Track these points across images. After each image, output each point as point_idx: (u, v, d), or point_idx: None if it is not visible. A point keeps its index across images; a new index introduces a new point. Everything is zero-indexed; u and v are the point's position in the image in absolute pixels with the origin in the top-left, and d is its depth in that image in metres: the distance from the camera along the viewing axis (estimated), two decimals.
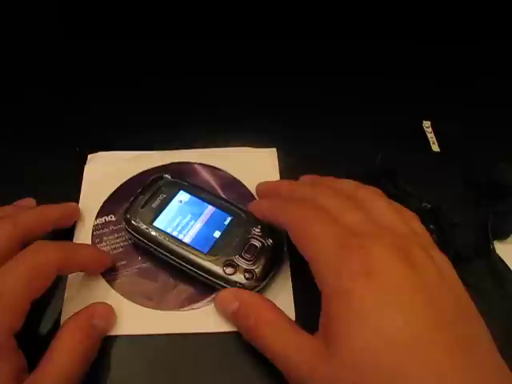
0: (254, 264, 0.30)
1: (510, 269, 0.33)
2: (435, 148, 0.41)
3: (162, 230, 0.31)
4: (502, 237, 0.35)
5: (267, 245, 0.31)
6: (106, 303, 0.29)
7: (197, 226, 0.32)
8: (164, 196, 0.33)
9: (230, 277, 0.29)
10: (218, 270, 0.29)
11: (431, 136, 0.42)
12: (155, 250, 0.31)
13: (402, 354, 0.21)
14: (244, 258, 0.30)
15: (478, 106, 0.44)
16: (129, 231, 0.32)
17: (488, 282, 0.33)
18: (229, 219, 0.32)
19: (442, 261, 0.26)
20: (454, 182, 0.38)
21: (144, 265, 0.32)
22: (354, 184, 0.30)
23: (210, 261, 0.30)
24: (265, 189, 0.34)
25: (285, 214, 0.29)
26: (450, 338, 0.21)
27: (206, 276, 0.30)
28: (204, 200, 0.33)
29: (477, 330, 0.23)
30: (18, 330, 0.25)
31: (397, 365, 0.21)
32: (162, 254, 0.31)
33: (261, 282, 0.29)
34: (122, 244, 0.33)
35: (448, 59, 0.48)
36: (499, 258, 0.34)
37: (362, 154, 0.38)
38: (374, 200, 0.28)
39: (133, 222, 0.32)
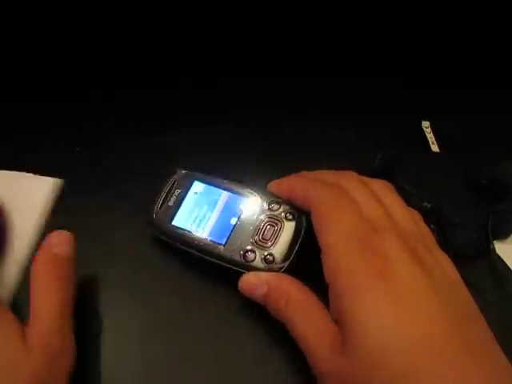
0: (273, 246, 0.29)
1: (510, 269, 0.34)
2: (435, 148, 0.41)
3: (181, 228, 0.32)
4: (501, 237, 0.35)
5: (285, 223, 0.30)
6: (57, 231, 0.29)
7: (214, 217, 0.32)
8: (179, 191, 0.33)
9: (250, 264, 0.29)
10: (238, 258, 0.29)
11: (430, 136, 0.42)
12: (179, 247, 0.32)
13: (417, 353, 0.21)
14: (262, 242, 0.30)
15: (478, 107, 0.44)
16: (153, 233, 0.33)
17: (488, 282, 0.33)
18: (245, 202, 0.32)
19: (446, 262, 0.26)
20: (454, 182, 0.38)
21: None
22: (366, 178, 0.30)
23: (228, 251, 0.30)
24: (281, 188, 0.32)
25: (310, 191, 0.28)
26: (463, 339, 0.21)
27: (228, 266, 0.30)
28: (219, 187, 0.33)
29: (483, 331, 0.23)
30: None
31: (411, 365, 0.21)
32: (186, 250, 0.31)
33: (283, 262, 0.29)
34: None
35: (448, 59, 0.48)
36: (499, 257, 0.34)
37: (361, 153, 0.38)
38: (387, 193, 0.29)
39: (155, 223, 0.32)
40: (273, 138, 0.41)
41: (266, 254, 0.29)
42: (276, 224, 0.30)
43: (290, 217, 0.30)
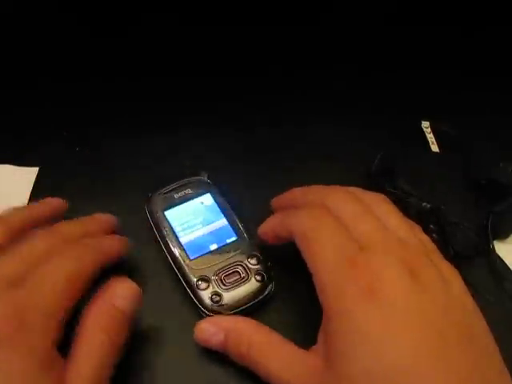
0: (227, 290, 0.29)
1: (509, 269, 0.34)
2: (434, 148, 0.41)
3: (168, 221, 0.32)
4: (501, 237, 0.35)
5: (252, 279, 0.30)
6: (125, 278, 0.26)
7: (200, 232, 0.32)
8: (189, 191, 0.34)
9: (198, 291, 0.29)
10: (192, 279, 0.30)
11: (430, 136, 0.42)
12: (156, 234, 0.32)
13: (402, 380, 0.20)
14: (221, 281, 0.29)
15: (478, 107, 0.44)
16: (145, 209, 0.33)
17: (488, 282, 0.33)
18: (233, 239, 0.32)
19: (450, 273, 0.25)
20: (453, 182, 0.38)
21: None
22: (360, 190, 0.29)
23: (189, 268, 0.30)
24: (279, 204, 0.32)
25: (290, 222, 0.28)
26: (454, 364, 0.21)
27: (181, 279, 0.30)
28: (223, 211, 0.33)
29: (484, 349, 0.22)
30: (59, 341, 0.23)
31: None
32: (159, 241, 0.32)
33: (227, 310, 0.29)
34: None
35: (448, 60, 0.48)
36: (499, 257, 0.34)
37: (361, 153, 0.38)
38: (381, 207, 0.28)
39: (151, 202, 0.33)
40: (272, 138, 0.41)
41: (217, 292, 0.29)
42: (243, 275, 0.30)
43: (259, 278, 0.30)
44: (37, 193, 0.36)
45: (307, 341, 0.25)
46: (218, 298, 0.29)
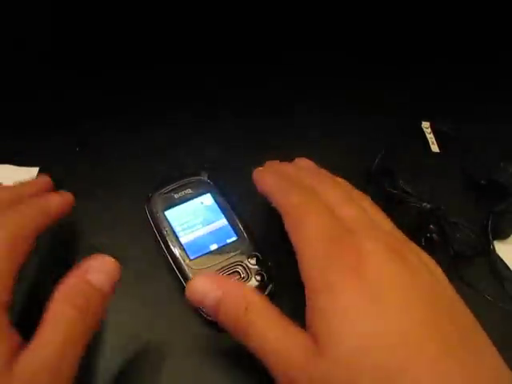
0: None
1: (510, 269, 0.34)
2: (435, 148, 0.41)
3: (168, 221, 0.32)
4: (501, 237, 0.35)
5: (252, 279, 0.30)
6: (102, 255, 0.25)
7: (200, 232, 0.32)
8: (189, 191, 0.34)
9: None
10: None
11: (430, 136, 0.42)
12: (156, 234, 0.32)
13: (397, 351, 0.20)
14: None
15: (478, 107, 0.44)
16: (145, 209, 0.33)
17: (488, 282, 0.33)
18: (233, 239, 0.32)
19: (429, 262, 0.25)
20: (453, 182, 0.38)
21: None
22: (350, 186, 0.30)
23: (189, 268, 0.30)
24: (271, 166, 0.32)
25: (283, 197, 0.28)
26: (446, 334, 0.21)
27: (181, 279, 0.30)
28: (223, 211, 0.33)
29: (474, 332, 0.22)
30: (9, 306, 0.22)
31: (392, 362, 0.20)
32: (159, 241, 0.32)
33: None
34: None
35: (448, 60, 0.48)
36: (499, 257, 0.34)
37: (361, 153, 0.38)
38: (365, 200, 0.28)
39: (151, 202, 0.33)
40: (271, 138, 0.41)
41: None
42: (243, 275, 0.30)
43: (259, 278, 0.30)
44: None
45: None
46: None
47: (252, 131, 0.41)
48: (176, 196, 0.33)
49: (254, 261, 0.31)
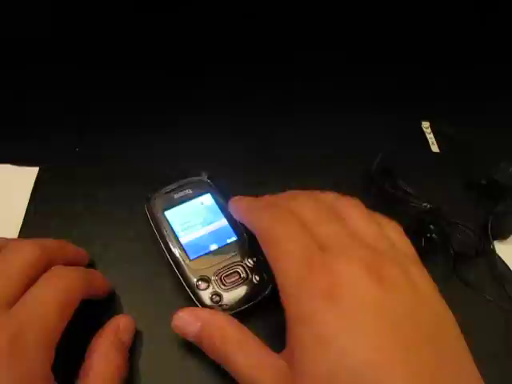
0: (227, 290, 0.29)
1: (510, 269, 0.34)
2: (434, 148, 0.41)
3: (168, 221, 0.32)
4: (501, 237, 0.35)
5: (251, 279, 0.30)
6: (126, 315, 0.29)
7: (200, 232, 0.32)
8: (189, 192, 0.34)
9: (199, 291, 0.29)
10: (192, 279, 0.30)
11: (430, 136, 0.42)
12: (156, 234, 0.32)
13: (365, 376, 0.20)
14: (221, 281, 0.30)
15: (478, 107, 0.44)
16: (145, 208, 0.33)
17: (488, 282, 0.33)
18: (233, 239, 0.32)
19: (419, 275, 0.24)
20: (453, 182, 0.38)
21: None
22: (333, 195, 0.29)
23: (189, 268, 0.30)
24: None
25: (257, 217, 0.28)
26: (415, 364, 0.20)
27: (181, 280, 0.30)
28: (223, 211, 0.33)
29: (452, 349, 0.22)
30: (52, 363, 0.23)
31: None
32: (159, 241, 0.32)
33: (228, 310, 0.29)
34: None
35: (448, 60, 0.48)
36: (499, 257, 0.34)
37: (361, 153, 0.38)
38: (352, 211, 0.27)
39: (151, 202, 0.33)
40: (272, 138, 0.41)
41: (217, 292, 0.29)
42: (243, 274, 0.30)
43: (258, 278, 0.30)
44: (37, 193, 0.36)
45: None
46: (217, 298, 0.29)
47: (252, 131, 0.41)
48: (176, 196, 0.33)
49: (253, 261, 0.30)
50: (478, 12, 0.50)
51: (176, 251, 0.31)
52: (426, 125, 0.43)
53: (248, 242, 0.31)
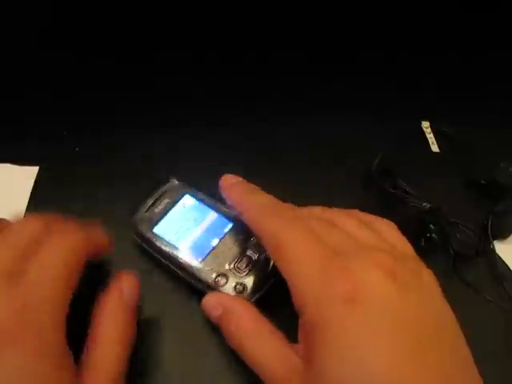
0: (246, 276, 0.29)
1: (510, 269, 0.34)
2: (434, 148, 0.41)
3: (161, 237, 0.31)
4: (501, 237, 0.35)
5: (263, 257, 0.30)
6: (128, 272, 0.27)
7: (196, 233, 0.31)
8: (167, 200, 0.33)
9: (220, 288, 0.29)
10: (210, 280, 0.29)
11: (430, 136, 0.42)
12: (155, 255, 0.31)
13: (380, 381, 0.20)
14: (237, 270, 0.29)
15: (478, 107, 0.44)
16: (134, 235, 0.32)
17: (488, 282, 0.33)
18: (229, 226, 0.31)
19: (427, 274, 0.24)
20: (453, 182, 0.38)
21: None
22: (321, 208, 0.29)
23: (202, 270, 0.29)
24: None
25: (264, 221, 0.27)
26: (432, 365, 0.20)
27: (199, 285, 0.30)
28: (208, 205, 0.33)
29: (453, 348, 0.22)
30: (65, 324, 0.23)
31: None
32: (161, 260, 0.31)
33: (253, 294, 0.29)
34: None
35: (448, 60, 0.48)
36: (499, 257, 0.34)
37: (361, 154, 0.38)
38: (346, 220, 0.27)
39: (137, 226, 0.32)
40: (270, 137, 0.41)
41: (238, 282, 0.29)
42: (254, 255, 0.30)
43: (266, 254, 0.30)
44: (37, 193, 0.36)
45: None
46: (241, 288, 0.29)
47: (252, 131, 0.41)
48: (157, 210, 0.32)
49: (254, 239, 0.30)
50: (478, 12, 0.50)
51: (182, 261, 0.30)
52: (425, 125, 0.43)
53: (241, 223, 0.30)
